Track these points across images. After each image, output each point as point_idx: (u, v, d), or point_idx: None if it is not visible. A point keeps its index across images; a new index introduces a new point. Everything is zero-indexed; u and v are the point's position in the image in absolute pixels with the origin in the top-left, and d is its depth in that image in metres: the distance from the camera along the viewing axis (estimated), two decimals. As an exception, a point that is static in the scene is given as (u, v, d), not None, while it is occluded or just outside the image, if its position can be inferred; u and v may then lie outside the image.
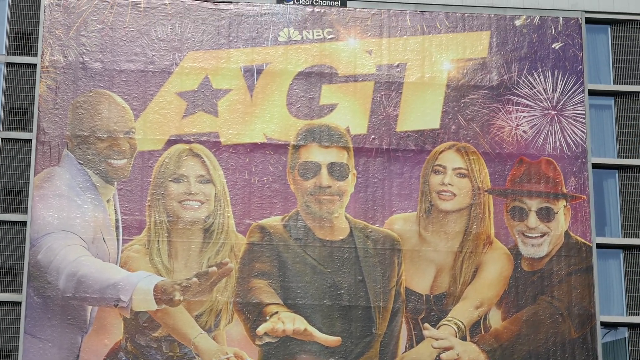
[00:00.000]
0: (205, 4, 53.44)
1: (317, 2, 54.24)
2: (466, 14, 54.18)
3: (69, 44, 52.20)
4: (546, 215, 51.66)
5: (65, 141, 51.01)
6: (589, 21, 54.67)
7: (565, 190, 51.92)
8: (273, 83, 52.45)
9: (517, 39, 53.95)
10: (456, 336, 50.14)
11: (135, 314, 48.68)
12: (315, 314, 49.89)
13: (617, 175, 53.95)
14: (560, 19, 54.22)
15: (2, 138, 51.60)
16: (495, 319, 50.13)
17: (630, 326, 51.68)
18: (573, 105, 53.17)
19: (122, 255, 50.05)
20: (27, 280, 49.09)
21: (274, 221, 50.82)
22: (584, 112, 52.97)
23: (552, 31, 54.25)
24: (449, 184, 51.77)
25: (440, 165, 52.03)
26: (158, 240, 50.46)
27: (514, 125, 52.65)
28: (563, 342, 50.37)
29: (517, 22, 54.07)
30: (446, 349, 49.71)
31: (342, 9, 53.86)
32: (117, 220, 50.39)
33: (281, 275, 50.49)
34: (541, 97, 53.23)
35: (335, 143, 51.75)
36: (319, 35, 53.46)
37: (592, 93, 53.75)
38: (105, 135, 51.03)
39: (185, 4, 53.27)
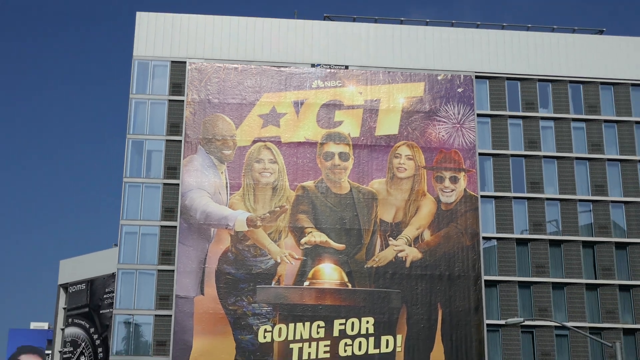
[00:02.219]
0: (273, 68, 61.33)
1: (332, 66, 61.94)
2: (411, 73, 62.41)
3: (200, 89, 60.54)
4: (454, 180, 60.21)
5: (199, 140, 59.38)
6: (477, 77, 63.36)
7: (464, 167, 60.71)
8: (309, 109, 61.02)
9: (439, 86, 62.17)
10: (406, 244, 59.10)
11: (236, 232, 57.75)
12: (331, 233, 58.96)
13: (492, 159, 62.25)
14: (462, 75, 62.69)
15: (166, 140, 60.31)
16: (427, 235, 59.45)
17: (498, 239, 60.29)
18: (469, 121, 61.82)
19: (229, 202, 58.70)
20: (179, 214, 58.36)
21: (310, 183, 59.63)
22: (474, 125, 61.99)
23: (457, 82, 62.36)
24: (403, 164, 60.35)
25: (398, 154, 60.39)
26: (248, 194, 58.85)
27: (437, 132, 61.18)
28: (463, 247, 59.55)
29: (439, 77, 62.31)
30: (400, 251, 58.88)
31: (346, 70, 62.02)
32: (226, 183, 58.97)
33: (313, 212, 59.20)
34: (452, 116, 61.65)
35: (342, 141, 60.58)
36: (333, 84, 61.65)
37: (479, 115, 62.62)
38: (220, 138, 59.55)
39: (262, 67, 61.25)
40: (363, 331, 57.06)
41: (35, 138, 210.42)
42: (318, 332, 56.71)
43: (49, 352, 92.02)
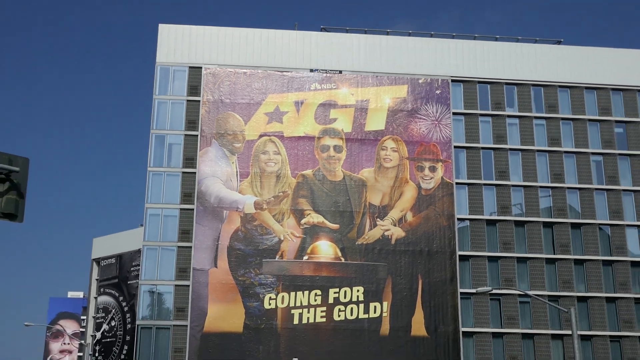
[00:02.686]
0: (277, 72, 62.38)
1: (328, 71, 62.81)
2: (396, 76, 63.38)
3: (214, 90, 61.69)
4: (432, 169, 61.43)
5: (213, 135, 60.61)
6: (453, 80, 64.31)
7: (441, 158, 61.91)
8: (308, 108, 62.20)
9: (420, 88, 63.05)
10: (391, 224, 60.00)
11: (245, 214, 59.12)
12: (327, 215, 60.09)
13: (465, 151, 62.99)
14: (440, 79, 63.97)
15: (185, 134, 61.39)
16: (409, 216, 60.55)
17: (470, 220, 60.70)
18: (445, 118, 62.92)
19: (239, 187, 59.84)
20: (196, 199, 59.68)
21: (308, 172, 60.91)
22: (450, 122, 63.18)
23: (436, 84, 63.37)
24: (389, 155, 61.49)
25: (385, 146, 61.54)
26: (255, 181, 59.97)
27: (418, 128, 62.30)
28: (440, 227, 60.38)
29: (420, 80, 63.47)
30: (386, 230, 59.91)
31: (339, 74, 63.10)
32: (237, 172, 60.07)
33: (311, 196, 60.20)
34: (431, 114, 62.72)
35: (336, 136, 61.65)
36: (329, 87, 62.84)
37: (454, 113, 63.25)
38: (231, 132, 60.80)
39: (267, 72, 62.33)
40: (354, 299, 58.28)
41: (73, 135, 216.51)
42: (315, 300, 57.97)
43: (84, 317, 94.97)
